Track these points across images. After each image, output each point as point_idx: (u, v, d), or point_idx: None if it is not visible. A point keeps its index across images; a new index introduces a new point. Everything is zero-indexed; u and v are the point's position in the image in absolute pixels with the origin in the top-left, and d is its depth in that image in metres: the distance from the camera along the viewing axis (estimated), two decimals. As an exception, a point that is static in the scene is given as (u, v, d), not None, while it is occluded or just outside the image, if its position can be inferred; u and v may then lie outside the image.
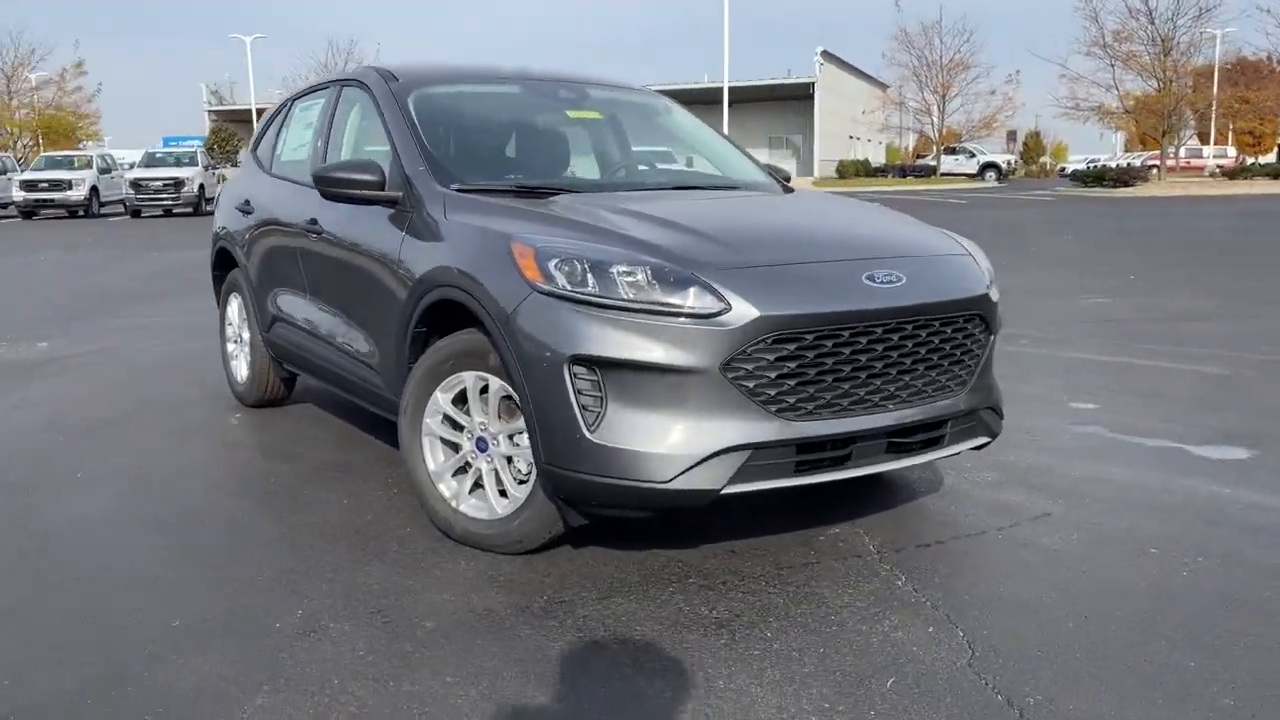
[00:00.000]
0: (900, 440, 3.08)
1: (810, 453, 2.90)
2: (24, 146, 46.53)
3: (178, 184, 26.92)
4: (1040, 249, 14.31)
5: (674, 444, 2.76)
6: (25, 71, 48.78)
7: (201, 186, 27.66)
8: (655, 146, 4.78)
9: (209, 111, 59.64)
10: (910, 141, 66.29)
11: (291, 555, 3.30)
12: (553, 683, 2.46)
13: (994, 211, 23.77)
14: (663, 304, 2.78)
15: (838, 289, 2.94)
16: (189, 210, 27.11)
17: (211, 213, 7.42)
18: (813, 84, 52.56)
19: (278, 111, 5.31)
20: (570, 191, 3.69)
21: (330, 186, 3.69)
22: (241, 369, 5.23)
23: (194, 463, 4.42)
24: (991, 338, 3.33)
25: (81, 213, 27.48)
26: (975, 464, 4.07)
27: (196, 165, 28.45)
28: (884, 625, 2.73)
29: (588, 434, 2.81)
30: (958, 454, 3.39)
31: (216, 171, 30.15)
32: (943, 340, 3.11)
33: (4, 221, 26.91)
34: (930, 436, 3.16)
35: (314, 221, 4.17)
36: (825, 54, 53.75)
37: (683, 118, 4.79)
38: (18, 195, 27.37)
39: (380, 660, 2.56)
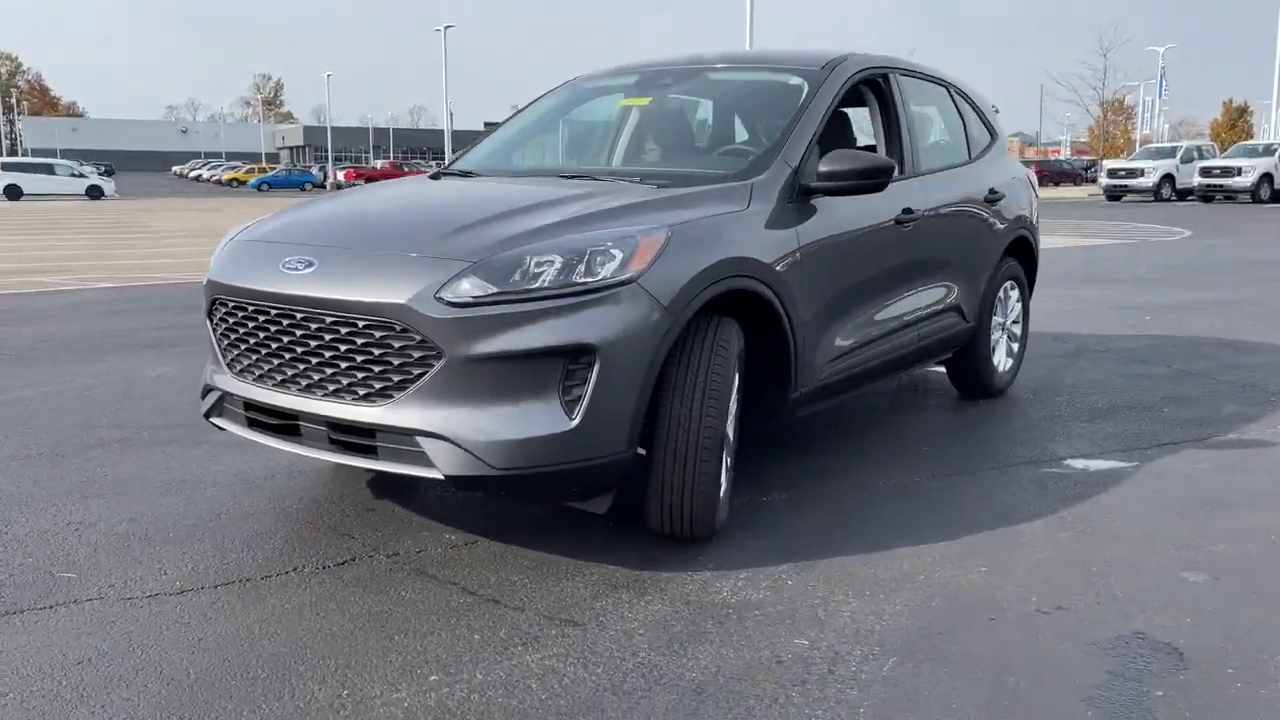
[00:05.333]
0: (335, 436, 2.95)
1: (255, 412, 3.14)
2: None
3: None
4: None
5: (205, 375, 3.42)
6: None
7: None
8: (739, 131, 4.48)
9: None
10: None
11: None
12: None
13: None
14: None
15: (255, 267, 3.16)
16: None
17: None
18: None
19: None
20: (474, 176, 4.24)
21: None
22: None
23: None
24: (439, 361, 2.77)
25: (1248, 198, 29.03)
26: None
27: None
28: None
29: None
30: (424, 478, 2.92)
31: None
32: (336, 340, 2.90)
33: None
34: (362, 443, 2.91)
35: None
36: None
37: (800, 100, 3.96)
38: (1196, 181, 30.31)
39: None
